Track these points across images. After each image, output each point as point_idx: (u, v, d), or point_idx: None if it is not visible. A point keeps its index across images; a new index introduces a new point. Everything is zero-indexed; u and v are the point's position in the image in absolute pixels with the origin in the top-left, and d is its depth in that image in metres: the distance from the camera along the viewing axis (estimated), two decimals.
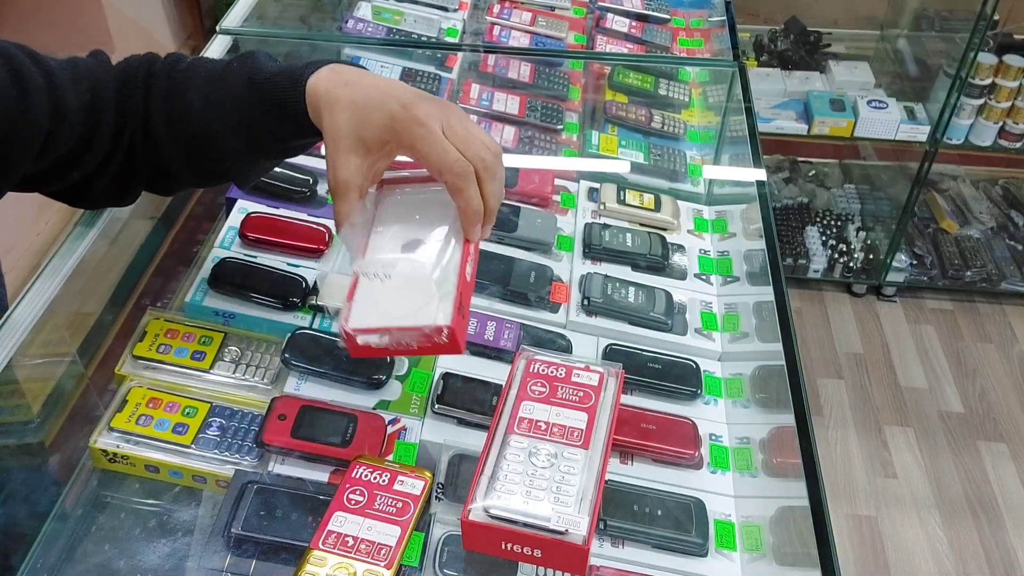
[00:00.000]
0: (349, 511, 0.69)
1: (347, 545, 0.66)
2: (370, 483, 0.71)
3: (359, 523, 0.68)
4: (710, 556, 0.83)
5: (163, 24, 3.11)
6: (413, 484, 0.71)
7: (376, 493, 0.70)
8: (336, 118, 0.71)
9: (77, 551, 0.87)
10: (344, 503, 0.70)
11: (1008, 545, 2.08)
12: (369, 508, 0.69)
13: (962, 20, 2.46)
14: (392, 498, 0.69)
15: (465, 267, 0.72)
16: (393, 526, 0.68)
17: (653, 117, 1.43)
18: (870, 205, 2.83)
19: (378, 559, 0.66)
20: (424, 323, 0.67)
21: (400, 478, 0.71)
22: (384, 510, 0.69)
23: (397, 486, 0.71)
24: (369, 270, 0.71)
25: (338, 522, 0.68)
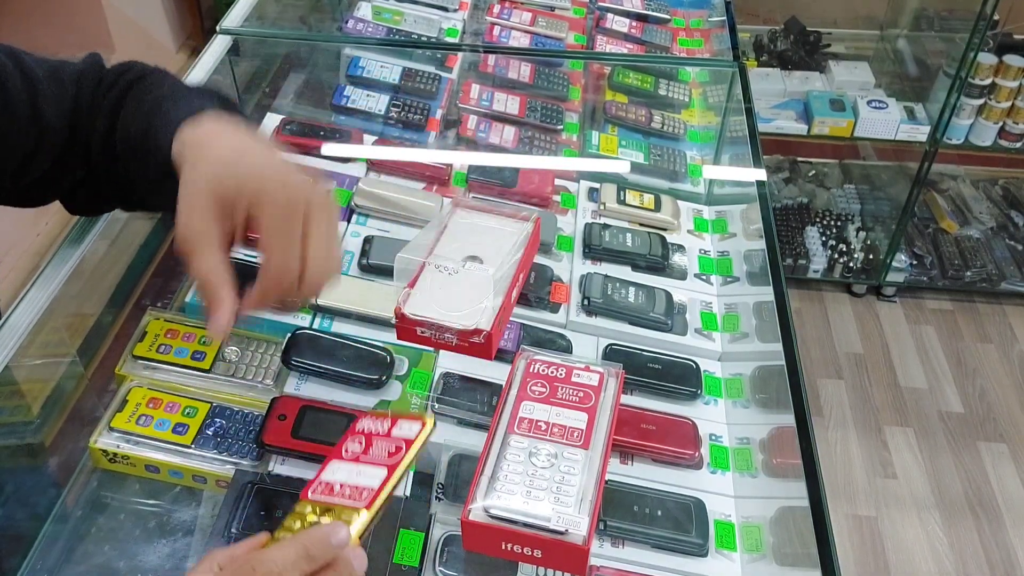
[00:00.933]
0: (344, 460, 0.65)
1: (332, 491, 0.62)
2: (371, 433, 0.67)
3: (350, 470, 0.63)
4: (710, 556, 0.83)
5: (163, 24, 3.11)
6: (410, 427, 0.65)
7: (374, 440, 0.66)
8: (196, 170, 0.66)
9: (77, 551, 0.87)
10: (341, 453, 0.65)
11: (1008, 545, 2.08)
12: (364, 455, 0.65)
13: (962, 20, 2.46)
14: (387, 443, 0.65)
15: (513, 290, 0.82)
16: (379, 468, 0.63)
17: (653, 117, 1.43)
18: (870, 205, 2.83)
19: (358, 500, 0.61)
20: (469, 325, 0.76)
21: (400, 422, 0.66)
22: (377, 456, 0.64)
23: (395, 431, 0.66)
24: (439, 263, 0.82)
25: (331, 471, 0.63)
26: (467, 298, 0.79)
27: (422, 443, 0.65)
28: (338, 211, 0.70)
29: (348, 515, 0.59)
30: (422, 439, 0.65)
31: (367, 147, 1.28)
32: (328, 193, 0.68)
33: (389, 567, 0.78)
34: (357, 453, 0.65)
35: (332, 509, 0.60)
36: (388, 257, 0.97)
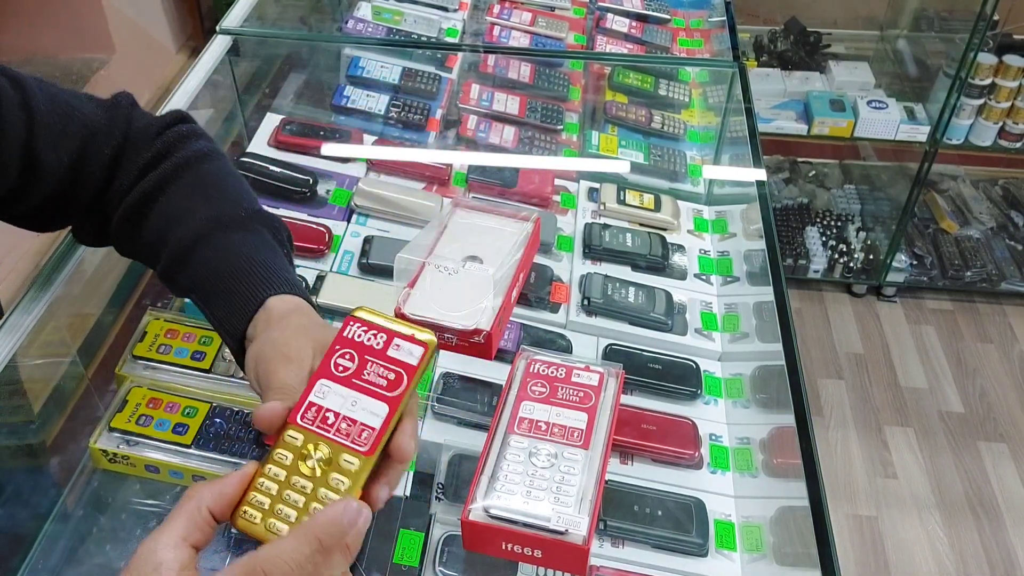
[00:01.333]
0: (334, 379, 0.56)
1: (326, 422, 0.54)
2: (362, 346, 0.57)
3: (344, 397, 0.55)
4: (710, 556, 0.83)
5: (163, 24, 3.11)
6: (410, 351, 0.57)
7: (367, 359, 0.57)
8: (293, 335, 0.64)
9: (78, 551, 0.87)
10: (331, 370, 0.57)
11: (1008, 545, 2.08)
12: (357, 378, 0.56)
13: (962, 20, 2.46)
14: (384, 367, 0.56)
15: (513, 290, 0.81)
16: (380, 403, 0.55)
17: (653, 117, 1.43)
18: (870, 205, 2.83)
19: (358, 443, 0.53)
20: (469, 325, 0.77)
21: (396, 342, 0.57)
22: (373, 381, 0.56)
23: (392, 351, 0.57)
24: (439, 263, 0.82)
25: (321, 393, 0.56)
26: (467, 298, 0.79)
27: (424, 369, 0.57)
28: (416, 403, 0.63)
29: (349, 463, 0.53)
30: (425, 365, 0.57)
31: (367, 147, 1.28)
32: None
33: (389, 567, 0.78)
34: (349, 372, 0.56)
35: (327, 445, 0.53)
36: (388, 257, 0.98)
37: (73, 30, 2.64)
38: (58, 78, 2.58)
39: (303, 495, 0.52)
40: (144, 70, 2.95)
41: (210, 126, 1.38)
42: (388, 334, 0.57)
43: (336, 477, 0.52)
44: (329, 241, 1.09)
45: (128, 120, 0.76)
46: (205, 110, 1.32)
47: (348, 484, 0.52)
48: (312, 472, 0.53)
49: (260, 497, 0.52)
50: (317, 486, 0.52)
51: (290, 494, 0.52)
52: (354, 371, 0.56)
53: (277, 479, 0.53)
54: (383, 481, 0.55)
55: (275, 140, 1.26)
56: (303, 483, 0.52)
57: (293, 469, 0.53)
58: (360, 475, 0.53)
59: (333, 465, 0.53)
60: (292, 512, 0.52)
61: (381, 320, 0.58)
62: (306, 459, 0.53)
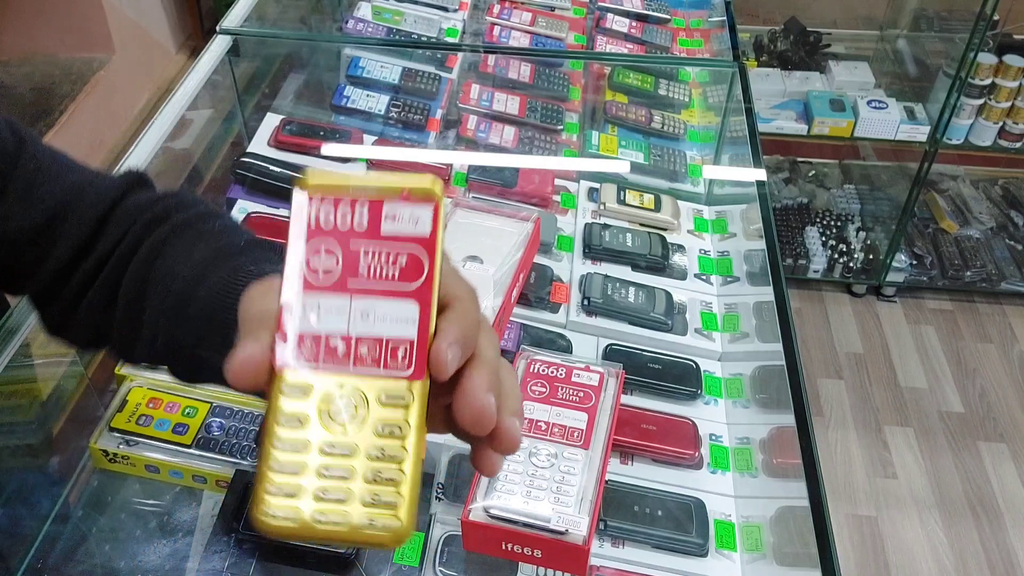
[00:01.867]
0: (320, 289, 0.37)
1: (335, 354, 0.37)
2: (340, 231, 0.38)
3: (345, 309, 0.37)
4: (710, 556, 0.83)
5: (163, 24, 3.11)
6: (415, 216, 0.38)
7: (356, 247, 0.38)
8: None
9: (78, 551, 0.87)
10: (308, 277, 0.37)
11: (1008, 545, 2.08)
12: (353, 278, 0.37)
13: (962, 20, 2.46)
14: (386, 251, 0.38)
15: (513, 290, 0.79)
16: (403, 302, 0.37)
17: (653, 117, 1.43)
18: (870, 205, 2.83)
19: (396, 367, 0.37)
20: None
21: (389, 209, 0.38)
22: (380, 277, 0.37)
23: (389, 225, 0.38)
24: None
25: (308, 314, 0.37)
26: None
27: (443, 232, 0.38)
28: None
29: (396, 400, 0.36)
30: (442, 227, 0.38)
31: (367, 147, 1.28)
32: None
33: (389, 567, 0.78)
34: (337, 273, 0.37)
35: (351, 386, 0.37)
36: None
37: (73, 29, 2.64)
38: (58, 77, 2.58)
39: (347, 461, 0.36)
40: (144, 70, 2.95)
41: (210, 126, 1.38)
42: (371, 201, 0.38)
43: (386, 423, 0.36)
44: None
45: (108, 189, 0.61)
46: (205, 110, 1.32)
47: (410, 426, 0.36)
48: (345, 429, 0.36)
49: (284, 480, 0.36)
50: (363, 445, 0.36)
51: (328, 466, 0.36)
52: (344, 270, 0.37)
53: (298, 453, 0.36)
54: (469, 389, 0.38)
55: (275, 140, 1.26)
56: (340, 444, 0.36)
57: (315, 433, 0.36)
58: (418, 410, 0.37)
59: (372, 411, 0.36)
60: (343, 487, 0.36)
61: (351, 183, 0.38)
62: (331, 415, 0.37)
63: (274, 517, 0.35)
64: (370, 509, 0.35)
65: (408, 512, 0.35)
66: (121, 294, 0.56)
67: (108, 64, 2.69)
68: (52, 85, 2.54)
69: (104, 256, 0.57)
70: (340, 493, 0.35)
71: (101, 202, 0.58)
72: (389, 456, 0.36)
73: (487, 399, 0.38)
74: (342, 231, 0.38)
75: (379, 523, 0.35)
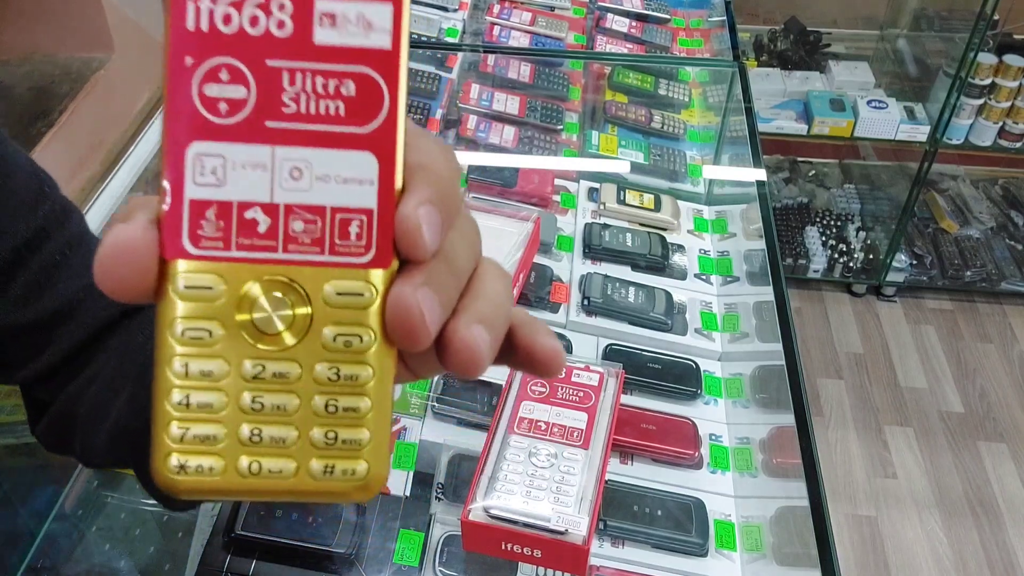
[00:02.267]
0: (224, 133, 0.25)
1: (254, 229, 0.25)
2: (245, 42, 0.25)
3: (260, 159, 0.25)
4: (710, 556, 0.83)
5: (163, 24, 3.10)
6: (363, 18, 0.25)
7: (272, 61, 0.25)
8: None
9: (77, 551, 0.87)
10: (199, 116, 0.25)
11: (1008, 545, 2.08)
12: (273, 113, 0.25)
13: (962, 20, 2.46)
14: (323, 70, 0.25)
15: (513, 290, 0.75)
16: (352, 152, 0.25)
17: (653, 117, 1.43)
18: (870, 205, 2.83)
19: (347, 247, 0.25)
20: None
21: (330, 5, 0.25)
22: (317, 104, 0.25)
23: (325, 31, 0.25)
24: None
25: (212, 168, 0.25)
26: None
27: (405, 44, 0.26)
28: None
29: (352, 296, 0.25)
30: (404, 36, 0.26)
31: None
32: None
33: (389, 567, 0.78)
34: (241, 106, 0.25)
35: (283, 277, 0.25)
36: None
37: (72, 29, 2.64)
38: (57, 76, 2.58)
39: (285, 388, 0.25)
40: (144, 70, 2.95)
41: None
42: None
43: (340, 331, 0.25)
44: None
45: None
46: None
47: (373, 334, 0.25)
48: (278, 343, 0.25)
49: (194, 422, 0.25)
50: (307, 364, 0.25)
51: (259, 398, 0.25)
52: (259, 103, 0.25)
53: (211, 382, 0.25)
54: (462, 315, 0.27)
55: None
56: (273, 366, 0.25)
57: (233, 351, 0.25)
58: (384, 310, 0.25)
59: (318, 316, 0.25)
60: (282, 426, 0.25)
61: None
62: (255, 324, 0.25)
63: (183, 472, 0.25)
64: (324, 453, 0.25)
65: (376, 452, 0.25)
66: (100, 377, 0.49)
67: (108, 64, 2.69)
68: (51, 85, 2.54)
69: (99, 371, 0.50)
70: (279, 433, 0.25)
71: (108, 311, 0.50)
72: (346, 378, 0.25)
73: (421, 296, 0.25)
74: (251, 41, 0.24)
75: (338, 470, 0.25)
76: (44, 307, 0.49)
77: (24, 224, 0.49)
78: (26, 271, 0.49)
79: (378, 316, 0.25)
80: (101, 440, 0.48)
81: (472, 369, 0.27)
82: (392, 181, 0.25)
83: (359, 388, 0.25)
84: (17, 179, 0.49)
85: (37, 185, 0.50)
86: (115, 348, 0.50)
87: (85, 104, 2.54)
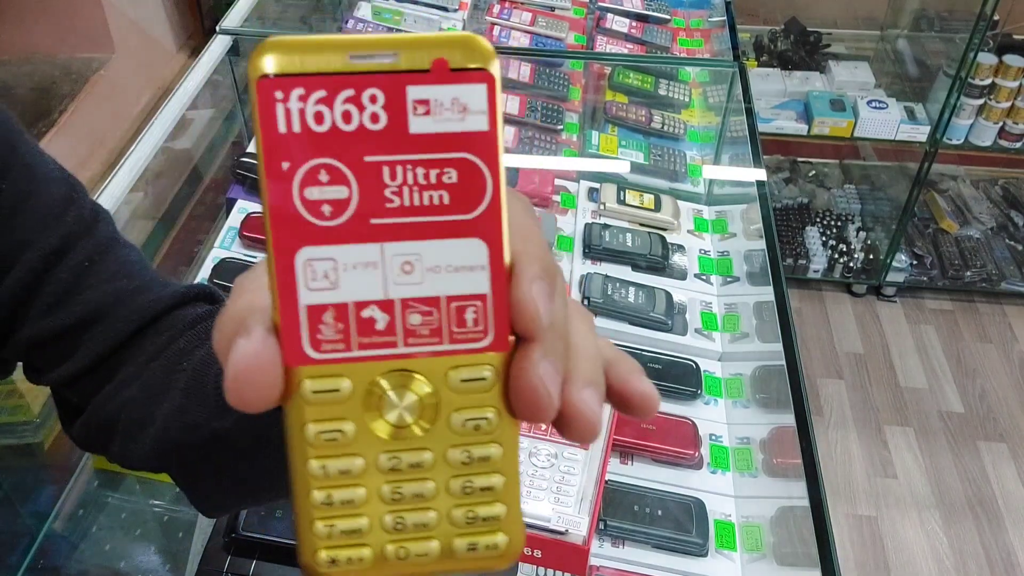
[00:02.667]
0: (330, 235, 0.24)
1: (372, 327, 0.25)
2: (343, 135, 0.24)
3: (377, 260, 0.25)
4: (710, 556, 0.83)
5: (163, 24, 3.11)
6: (461, 97, 0.24)
7: (370, 156, 0.24)
8: None
9: (77, 551, 0.87)
10: (303, 218, 0.24)
11: (1008, 545, 2.08)
12: (378, 209, 0.24)
13: (962, 20, 2.46)
14: (424, 162, 0.24)
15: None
16: (462, 241, 0.25)
17: (653, 117, 1.43)
18: (870, 205, 2.83)
19: (468, 336, 0.25)
20: None
21: (418, 92, 0.24)
22: (419, 205, 0.24)
23: (419, 119, 0.24)
24: None
25: (319, 277, 0.25)
26: None
27: (501, 124, 0.25)
28: None
29: (476, 380, 0.26)
30: (500, 115, 0.25)
31: None
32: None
33: None
34: (343, 205, 0.24)
35: (408, 370, 0.25)
36: None
37: (73, 29, 2.64)
38: (58, 76, 2.58)
39: (422, 475, 0.26)
40: (144, 70, 2.95)
41: (210, 126, 1.38)
42: (384, 83, 0.24)
43: (467, 415, 0.26)
44: None
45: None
46: (205, 110, 1.32)
47: (499, 415, 0.26)
48: (410, 434, 0.26)
49: (338, 519, 0.26)
50: (439, 450, 0.26)
51: (397, 487, 0.26)
52: (362, 200, 0.24)
53: (350, 479, 0.26)
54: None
55: None
56: (408, 456, 0.26)
57: (368, 446, 0.26)
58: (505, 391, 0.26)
59: (444, 403, 0.26)
60: (423, 511, 0.26)
61: (343, 51, 0.24)
62: (384, 418, 0.26)
63: (335, 565, 0.26)
64: (465, 531, 0.26)
65: (514, 523, 0.27)
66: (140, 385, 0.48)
67: (108, 64, 2.69)
68: (52, 85, 2.54)
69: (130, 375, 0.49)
70: (421, 519, 0.26)
71: (139, 315, 0.50)
72: (478, 459, 0.26)
73: (543, 372, 0.25)
74: (347, 138, 0.24)
75: (481, 546, 0.26)
76: (73, 313, 0.49)
77: (53, 232, 0.49)
78: (55, 278, 0.49)
79: (502, 395, 0.26)
80: (144, 447, 0.48)
81: (589, 436, 0.28)
82: (502, 263, 0.25)
83: (491, 467, 0.26)
84: (47, 189, 0.50)
85: (67, 191, 0.51)
86: (150, 353, 0.49)
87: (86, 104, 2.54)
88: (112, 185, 1.03)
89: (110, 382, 0.49)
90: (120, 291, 0.51)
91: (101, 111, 2.64)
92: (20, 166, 0.49)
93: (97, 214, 0.52)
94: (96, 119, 2.62)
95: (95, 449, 0.53)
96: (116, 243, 0.53)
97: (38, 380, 0.53)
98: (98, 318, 0.50)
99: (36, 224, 0.49)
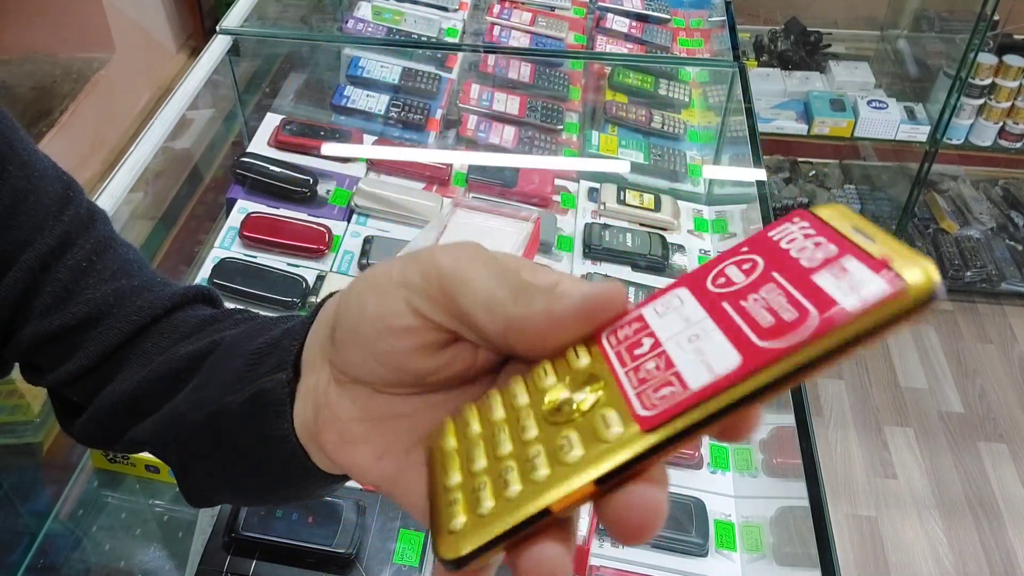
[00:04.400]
0: (701, 292, 0.29)
1: (632, 350, 0.29)
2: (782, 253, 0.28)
3: (690, 320, 0.29)
4: (710, 556, 0.83)
5: (163, 24, 3.11)
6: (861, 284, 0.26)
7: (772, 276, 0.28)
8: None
9: (78, 551, 0.87)
10: (706, 278, 0.30)
11: (1008, 545, 2.08)
12: (733, 299, 0.28)
13: (962, 21, 2.46)
14: (789, 296, 0.27)
15: None
16: (732, 351, 0.27)
17: (653, 117, 1.43)
18: (870, 205, 2.83)
19: (641, 400, 0.27)
20: None
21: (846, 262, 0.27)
22: (752, 313, 0.27)
23: (825, 275, 0.27)
24: None
25: (663, 306, 0.30)
26: None
27: (875, 329, 0.27)
28: None
29: (605, 429, 0.27)
30: (878, 321, 0.26)
31: (367, 147, 1.28)
32: None
33: (389, 567, 0.78)
34: (730, 287, 0.28)
35: (601, 384, 0.29)
36: (388, 257, 0.97)
37: (73, 29, 2.64)
38: (58, 76, 2.58)
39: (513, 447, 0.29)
40: (144, 69, 2.95)
41: (210, 126, 1.38)
42: (841, 245, 0.27)
43: (572, 436, 0.28)
44: (329, 241, 1.09)
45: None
46: (205, 110, 1.33)
47: (579, 456, 0.27)
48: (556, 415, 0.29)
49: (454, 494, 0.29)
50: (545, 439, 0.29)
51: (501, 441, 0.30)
52: (739, 288, 0.28)
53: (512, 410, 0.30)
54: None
55: (275, 140, 1.26)
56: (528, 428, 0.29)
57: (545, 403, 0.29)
58: (609, 455, 0.27)
59: (587, 419, 0.28)
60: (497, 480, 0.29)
61: (848, 225, 0.27)
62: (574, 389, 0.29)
63: (461, 536, 0.28)
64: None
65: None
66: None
67: (108, 64, 2.69)
68: (52, 84, 2.54)
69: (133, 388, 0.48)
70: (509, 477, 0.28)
71: (140, 314, 0.50)
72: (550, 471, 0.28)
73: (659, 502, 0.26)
74: (783, 254, 0.28)
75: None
76: (72, 314, 0.49)
77: (51, 231, 0.49)
78: (54, 278, 0.49)
79: (607, 452, 0.27)
80: (146, 431, 0.48)
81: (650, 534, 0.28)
82: (722, 387, 0.27)
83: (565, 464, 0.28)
84: (44, 188, 0.50)
85: (62, 190, 0.51)
86: (153, 352, 0.49)
87: (86, 104, 2.54)
88: (112, 185, 1.03)
89: (112, 381, 0.49)
90: (120, 290, 0.51)
91: (101, 111, 2.64)
92: (17, 164, 0.49)
93: (93, 213, 0.52)
94: (96, 119, 2.62)
95: (98, 445, 0.53)
96: (114, 242, 0.53)
97: (38, 380, 0.52)
98: (99, 317, 0.50)
99: (34, 223, 0.49)
